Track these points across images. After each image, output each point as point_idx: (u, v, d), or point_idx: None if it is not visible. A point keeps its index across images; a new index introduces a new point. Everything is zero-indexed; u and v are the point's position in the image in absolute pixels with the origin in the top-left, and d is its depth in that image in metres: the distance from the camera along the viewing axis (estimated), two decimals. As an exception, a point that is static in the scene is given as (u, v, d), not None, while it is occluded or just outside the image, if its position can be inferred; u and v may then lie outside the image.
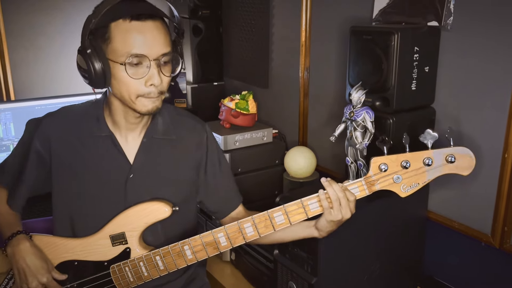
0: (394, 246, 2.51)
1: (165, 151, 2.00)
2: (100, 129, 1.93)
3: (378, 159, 1.73)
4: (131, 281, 1.94)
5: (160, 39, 1.73)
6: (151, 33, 1.72)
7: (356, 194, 1.77)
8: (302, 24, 3.24)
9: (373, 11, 2.72)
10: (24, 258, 1.88)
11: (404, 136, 1.72)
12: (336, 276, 2.29)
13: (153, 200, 1.92)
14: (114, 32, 1.71)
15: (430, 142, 1.69)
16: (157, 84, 1.74)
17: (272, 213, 1.81)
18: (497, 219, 2.34)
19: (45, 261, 1.91)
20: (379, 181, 1.74)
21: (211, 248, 1.86)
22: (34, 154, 1.97)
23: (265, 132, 3.32)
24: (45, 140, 1.95)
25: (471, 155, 1.69)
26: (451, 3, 2.36)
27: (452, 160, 1.68)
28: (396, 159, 1.72)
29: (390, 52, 2.27)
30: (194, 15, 3.89)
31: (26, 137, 2.02)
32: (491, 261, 2.45)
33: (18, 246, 1.89)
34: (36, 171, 2.00)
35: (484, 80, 2.31)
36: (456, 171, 1.71)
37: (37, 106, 3.21)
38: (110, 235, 1.92)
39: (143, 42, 1.71)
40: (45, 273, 1.89)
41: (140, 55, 1.71)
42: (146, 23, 1.71)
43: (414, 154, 1.71)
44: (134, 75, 1.73)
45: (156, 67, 1.74)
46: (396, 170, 1.72)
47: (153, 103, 1.79)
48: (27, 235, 1.95)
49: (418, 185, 1.74)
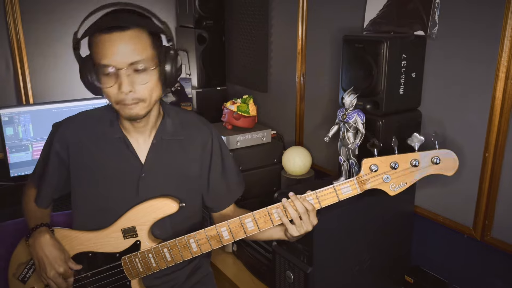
0: (383, 239, 2.51)
1: (174, 151, 2.00)
2: (113, 132, 1.93)
3: (369, 160, 1.73)
4: (141, 271, 1.94)
5: (128, 47, 1.69)
6: (118, 43, 1.68)
7: (348, 192, 1.77)
8: (298, 33, 3.24)
9: (364, 21, 2.72)
10: (43, 248, 1.89)
11: (393, 139, 1.73)
12: (330, 266, 2.30)
13: (161, 197, 1.92)
14: (92, 43, 1.73)
15: (417, 145, 1.70)
16: (126, 91, 1.70)
17: (271, 209, 1.81)
18: (478, 214, 2.35)
19: (62, 252, 1.92)
20: (370, 181, 1.74)
21: (214, 241, 1.86)
22: (55, 156, 1.98)
23: (264, 133, 3.32)
24: (64, 143, 1.96)
25: (454, 157, 1.70)
26: (436, 14, 2.36)
27: (437, 161, 1.69)
28: (386, 160, 1.72)
29: (380, 59, 2.28)
30: (199, 25, 3.89)
31: (48, 140, 2.02)
32: (473, 252, 2.45)
33: (39, 237, 1.90)
34: (57, 172, 2.00)
35: (466, 85, 2.31)
36: (441, 172, 1.71)
37: (54, 109, 3.22)
38: (122, 229, 1.93)
39: (110, 53, 1.68)
40: (62, 263, 1.89)
41: (107, 65, 1.69)
42: (112, 35, 1.67)
43: (402, 156, 1.71)
44: (105, 84, 1.72)
45: (125, 76, 1.70)
46: (386, 170, 1.72)
47: (131, 109, 1.77)
48: (49, 228, 1.96)
49: (406, 185, 1.75)
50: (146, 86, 1.75)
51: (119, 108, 1.78)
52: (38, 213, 2.05)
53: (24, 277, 2.00)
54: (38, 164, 2.09)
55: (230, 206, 2.17)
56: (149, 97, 1.78)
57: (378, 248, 2.50)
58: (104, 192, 1.96)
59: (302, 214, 1.78)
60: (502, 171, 2.25)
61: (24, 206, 2.11)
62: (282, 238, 1.94)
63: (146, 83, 1.74)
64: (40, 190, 2.06)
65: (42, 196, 2.05)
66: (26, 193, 2.13)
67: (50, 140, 2.01)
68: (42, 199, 2.06)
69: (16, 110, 3.14)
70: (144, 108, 1.79)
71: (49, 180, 2.02)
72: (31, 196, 2.10)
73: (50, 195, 2.07)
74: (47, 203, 2.08)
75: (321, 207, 1.81)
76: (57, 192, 2.07)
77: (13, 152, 3.15)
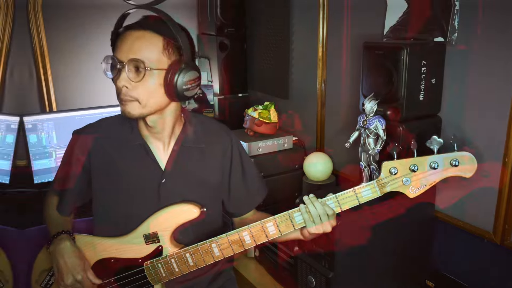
0: (404, 243, 2.53)
1: (195, 158, 2.00)
2: (134, 139, 1.94)
3: (388, 163, 1.74)
4: (163, 276, 1.94)
5: (133, 45, 1.71)
6: (129, 40, 1.72)
7: (368, 196, 1.77)
8: (319, 41, 3.27)
9: (384, 28, 2.75)
10: (63, 255, 1.89)
11: (413, 142, 1.73)
12: (351, 271, 2.31)
13: (183, 202, 1.92)
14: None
15: (436, 147, 1.70)
16: (120, 85, 1.73)
17: (293, 213, 1.82)
18: (498, 218, 2.35)
19: (82, 260, 1.92)
20: (389, 183, 1.74)
21: (236, 245, 1.86)
22: (76, 163, 1.98)
23: (285, 139, 3.35)
24: (85, 150, 1.97)
25: (473, 159, 1.70)
26: (456, 20, 2.38)
27: (455, 163, 1.69)
28: (405, 163, 1.72)
29: (400, 65, 2.29)
30: (220, 33, 3.93)
31: (69, 147, 2.03)
32: (492, 257, 2.46)
33: (59, 244, 1.91)
34: (79, 178, 2.00)
35: (486, 90, 2.33)
36: (460, 174, 1.71)
37: (77, 116, 3.24)
38: (144, 235, 1.92)
39: (118, 47, 1.74)
40: (81, 271, 1.89)
41: (113, 57, 1.74)
42: (126, 33, 1.74)
43: (421, 158, 1.71)
44: (108, 74, 1.78)
45: (125, 71, 1.72)
46: (405, 173, 1.73)
47: (124, 106, 1.77)
48: (70, 235, 1.97)
49: (425, 187, 1.74)
50: (143, 87, 1.74)
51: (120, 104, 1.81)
52: (60, 221, 2.05)
53: (46, 284, 2.02)
54: (59, 171, 2.10)
55: (251, 211, 2.18)
56: (146, 100, 1.77)
57: (399, 252, 2.51)
58: (126, 198, 1.97)
59: (321, 215, 1.79)
60: (523, 176, 2.26)
61: (45, 214, 2.12)
62: (298, 237, 1.93)
63: (139, 81, 1.73)
64: (62, 197, 2.07)
65: (64, 203, 2.06)
66: (48, 201, 2.14)
67: (71, 147, 2.01)
68: (64, 206, 2.06)
69: (39, 117, 3.17)
70: (137, 109, 1.78)
71: (71, 187, 2.02)
72: (53, 204, 2.10)
73: (72, 203, 2.07)
74: (69, 211, 2.08)
75: (342, 210, 1.81)
76: (80, 199, 2.07)
77: (36, 159, 3.19)
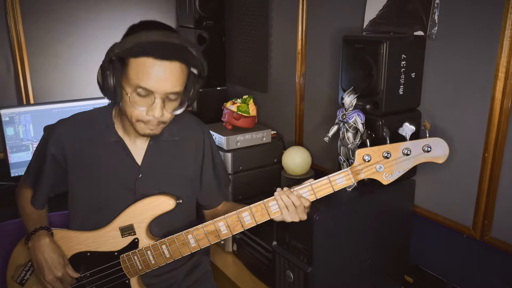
0: (383, 238, 2.53)
1: (170, 151, 2.03)
2: (109, 135, 1.95)
3: (362, 151, 1.75)
4: (140, 269, 1.96)
5: (172, 79, 1.72)
6: (164, 72, 1.70)
7: (343, 183, 1.78)
8: (298, 34, 3.26)
9: (364, 21, 2.74)
10: (43, 252, 1.91)
11: (385, 129, 1.74)
12: (330, 265, 2.31)
13: (159, 194, 1.95)
14: (131, 62, 1.71)
15: (408, 134, 1.71)
16: (158, 116, 1.76)
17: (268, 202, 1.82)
18: (478, 213, 2.37)
19: (62, 256, 1.94)
20: (363, 171, 1.75)
21: (212, 236, 1.88)
22: (50, 158, 1.99)
23: (264, 133, 3.34)
24: (59, 145, 1.97)
25: (444, 144, 1.70)
26: (436, 14, 2.38)
27: (428, 149, 1.70)
28: (378, 150, 1.74)
29: (380, 59, 2.29)
30: (199, 26, 3.89)
31: (42, 142, 2.02)
32: (472, 252, 2.47)
33: (39, 241, 1.92)
34: (53, 173, 2.02)
35: (466, 85, 2.33)
36: (432, 160, 1.72)
37: (55, 109, 3.23)
38: (120, 227, 1.94)
39: (154, 79, 1.70)
40: (61, 268, 1.92)
41: (147, 89, 1.71)
42: (163, 63, 1.69)
43: (393, 145, 1.73)
44: (139, 105, 1.75)
45: (161, 102, 1.75)
46: (378, 160, 1.74)
47: (151, 130, 1.83)
48: (48, 231, 1.98)
49: (399, 173, 1.76)
50: (170, 114, 1.82)
51: (137, 124, 1.81)
52: (35, 215, 2.06)
53: (22, 280, 2.01)
54: (32, 166, 2.10)
55: (222, 203, 2.22)
56: (169, 121, 1.85)
57: (378, 247, 2.52)
58: (102, 192, 1.98)
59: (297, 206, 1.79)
60: (502, 171, 2.27)
61: (20, 208, 2.12)
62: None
63: (171, 112, 1.81)
64: (36, 191, 2.07)
65: (38, 197, 2.06)
66: (21, 194, 2.14)
67: (44, 142, 2.01)
68: (39, 200, 2.07)
69: (16, 110, 3.16)
70: (161, 130, 1.87)
71: (46, 182, 2.03)
72: (26, 198, 2.10)
73: (46, 196, 2.08)
74: (43, 204, 2.09)
75: (317, 198, 1.81)
76: (53, 191, 2.09)
77: (13, 152, 3.17)
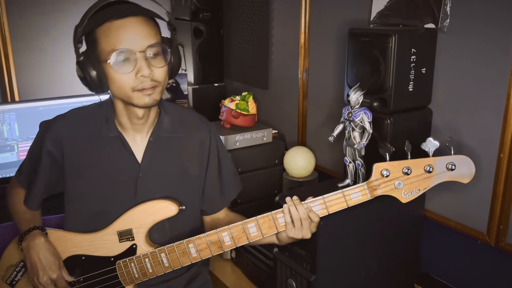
0: (391, 244, 2.51)
1: (172, 149, 2.00)
2: (109, 130, 1.93)
3: (380, 165, 1.72)
4: (136, 277, 1.94)
5: (143, 31, 1.73)
6: (133, 27, 1.71)
7: (358, 199, 1.76)
8: (301, 26, 3.24)
9: (371, 13, 2.72)
10: (37, 252, 1.89)
11: (406, 143, 1.71)
12: (334, 273, 2.29)
13: (161, 199, 1.93)
14: (99, 34, 1.73)
15: (431, 150, 1.68)
16: (147, 74, 1.73)
17: (276, 214, 1.80)
18: (492, 218, 2.34)
19: (57, 258, 1.92)
20: (381, 186, 1.72)
21: (215, 247, 1.86)
22: (47, 156, 1.97)
23: (264, 133, 3.32)
24: (57, 142, 1.95)
25: (471, 163, 1.68)
26: (448, 5, 2.35)
27: (452, 168, 1.67)
28: (398, 165, 1.70)
29: (388, 54, 2.27)
30: (195, 18, 3.88)
31: (38, 139, 2.01)
32: (486, 259, 2.44)
33: (33, 240, 1.91)
34: (49, 172, 2.00)
35: (480, 81, 2.31)
36: (457, 179, 1.70)
37: (41, 107, 3.21)
38: (118, 231, 1.93)
39: (126, 37, 1.71)
40: (56, 270, 1.89)
41: (124, 49, 1.71)
42: (127, 19, 1.71)
43: (416, 161, 1.69)
44: (123, 70, 1.73)
45: (144, 59, 1.73)
46: (398, 176, 1.70)
47: (149, 96, 1.78)
48: (42, 231, 1.96)
49: (419, 192, 1.72)
50: (162, 69, 1.79)
51: (133, 96, 1.78)
52: (29, 215, 2.04)
53: (12, 281, 2.00)
54: (26, 164, 2.08)
55: (223, 211, 2.18)
56: (164, 82, 1.82)
57: (386, 254, 2.50)
58: (100, 193, 1.96)
59: (303, 219, 1.78)
60: (518, 172, 2.24)
61: (11, 208, 2.10)
62: (273, 242, 1.94)
63: (163, 66, 1.78)
64: (30, 191, 2.05)
65: (32, 197, 2.04)
66: (13, 194, 2.12)
67: (40, 139, 1.99)
68: (33, 200, 2.05)
69: (0, 107, 3.13)
70: (160, 93, 1.82)
71: (41, 182, 2.01)
72: (19, 197, 2.09)
73: (41, 196, 2.06)
74: (38, 204, 2.07)
75: (329, 213, 1.79)
76: (48, 192, 2.07)
77: (-3, 152, 3.15)
